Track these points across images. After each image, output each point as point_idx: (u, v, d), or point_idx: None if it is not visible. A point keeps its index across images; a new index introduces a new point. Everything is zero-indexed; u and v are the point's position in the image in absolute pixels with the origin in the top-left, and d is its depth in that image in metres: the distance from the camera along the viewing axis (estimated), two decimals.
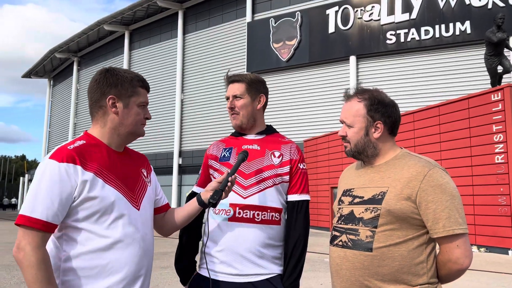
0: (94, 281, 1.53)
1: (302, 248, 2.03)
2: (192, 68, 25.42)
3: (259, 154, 2.08)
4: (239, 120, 2.11)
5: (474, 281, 7.06)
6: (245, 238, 1.95)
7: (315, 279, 7.11)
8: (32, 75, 40.24)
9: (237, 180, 2.01)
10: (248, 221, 1.96)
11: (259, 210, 1.98)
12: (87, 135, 1.69)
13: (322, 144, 18.01)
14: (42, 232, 1.47)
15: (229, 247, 1.95)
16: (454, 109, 12.04)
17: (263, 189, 2.01)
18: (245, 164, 2.04)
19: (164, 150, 25.61)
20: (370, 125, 1.75)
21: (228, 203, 1.98)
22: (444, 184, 1.61)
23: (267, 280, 1.95)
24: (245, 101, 2.11)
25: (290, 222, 2.04)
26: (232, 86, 2.14)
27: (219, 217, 2.00)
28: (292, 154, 2.10)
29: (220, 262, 1.96)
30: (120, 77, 1.67)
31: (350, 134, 1.78)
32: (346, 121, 1.79)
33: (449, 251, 1.60)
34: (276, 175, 2.03)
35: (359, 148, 1.77)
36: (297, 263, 2.00)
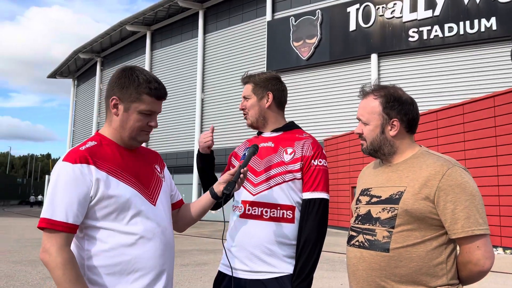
0: (119, 278, 1.56)
1: (311, 248, 1.93)
2: (212, 68, 25.56)
3: (272, 151, 2.08)
4: (249, 120, 2.18)
5: (500, 283, 6.88)
6: (253, 235, 1.97)
7: (335, 279, 7.06)
8: (57, 76, 41.18)
9: (249, 177, 2.03)
10: (256, 217, 1.98)
11: (268, 207, 1.98)
12: (98, 135, 1.72)
13: (343, 143, 17.85)
14: (64, 233, 1.50)
15: (240, 243, 2.00)
16: (479, 107, 11.77)
17: (272, 186, 2.00)
18: (257, 161, 2.06)
19: (185, 149, 25.83)
20: (386, 123, 1.72)
21: (240, 200, 2.04)
22: (464, 183, 1.57)
23: (275, 279, 1.93)
24: (252, 101, 2.16)
25: (301, 221, 1.99)
26: (244, 88, 2.23)
27: (234, 214, 2.08)
28: (304, 150, 2.03)
29: (234, 257, 2.01)
30: (131, 80, 1.64)
31: (366, 131, 1.76)
32: (362, 119, 1.78)
33: (469, 252, 1.56)
34: (285, 172, 2.00)
35: (375, 146, 1.75)
36: (305, 264, 1.92)
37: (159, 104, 1.69)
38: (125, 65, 1.76)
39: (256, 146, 2.01)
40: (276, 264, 1.95)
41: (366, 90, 1.80)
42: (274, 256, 1.96)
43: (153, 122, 1.69)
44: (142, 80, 1.64)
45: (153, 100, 1.65)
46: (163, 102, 1.73)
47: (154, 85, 1.65)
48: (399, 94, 1.74)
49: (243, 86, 2.24)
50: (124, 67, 1.71)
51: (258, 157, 2.06)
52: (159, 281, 1.62)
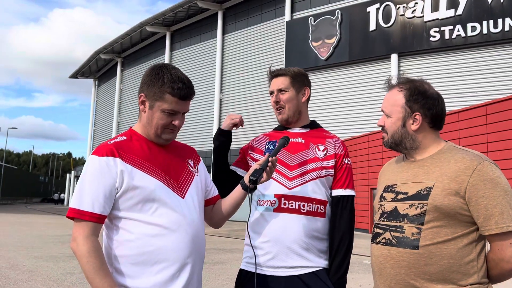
0: (143, 268, 1.58)
1: (348, 243, 2.01)
2: (231, 68, 25.64)
3: (304, 147, 2.08)
4: (285, 114, 2.11)
5: None
6: (291, 229, 1.94)
7: (353, 280, 6.99)
8: (78, 76, 41.94)
9: (282, 171, 2.01)
10: (294, 211, 1.96)
11: (305, 201, 1.97)
12: (130, 131, 1.78)
13: (362, 144, 17.68)
14: (91, 223, 1.56)
15: (275, 237, 1.95)
16: (502, 108, 11.50)
17: (308, 180, 2.01)
18: (289, 156, 2.04)
19: (203, 149, 25.97)
20: (408, 116, 1.68)
21: (273, 194, 1.99)
22: (496, 179, 1.53)
23: (313, 273, 1.94)
24: (290, 95, 2.10)
25: (335, 217, 2.02)
26: (276, 80, 2.13)
27: (263, 208, 2.01)
28: (336, 148, 2.10)
29: (265, 253, 1.95)
30: (157, 78, 1.67)
31: (388, 124, 1.73)
32: (385, 111, 1.75)
33: (502, 249, 1.52)
34: (321, 168, 2.03)
35: (396, 139, 1.71)
36: (343, 259, 1.98)
37: (183, 104, 1.70)
38: (158, 63, 1.78)
39: (287, 137, 1.99)
40: (312, 258, 1.96)
41: (392, 82, 1.77)
42: (310, 250, 1.96)
43: (177, 121, 1.70)
44: (166, 79, 1.66)
45: (176, 100, 1.66)
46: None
47: (177, 85, 1.65)
48: (424, 88, 1.70)
49: (269, 80, 2.18)
50: (155, 64, 1.75)
51: (289, 152, 2.05)
52: (183, 273, 1.63)
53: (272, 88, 2.14)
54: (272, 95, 2.14)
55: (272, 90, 2.15)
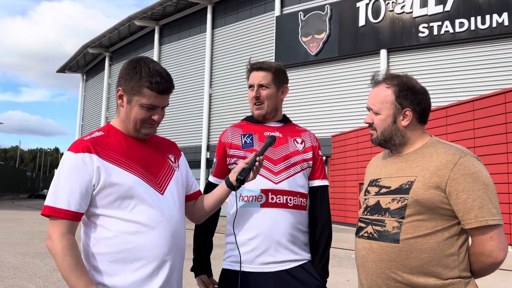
0: (122, 266, 1.56)
1: (329, 232, 2.05)
2: (220, 63, 25.53)
3: (283, 141, 2.08)
4: (263, 110, 2.07)
5: (508, 282, 6.80)
6: (279, 223, 1.93)
7: (341, 275, 7.03)
8: (66, 70, 41.43)
9: (267, 166, 2.00)
10: (282, 206, 1.95)
11: (292, 195, 1.98)
12: (108, 126, 1.74)
13: (351, 139, 17.76)
14: (67, 221, 1.53)
15: (264, 233, 1.93)
16: (489, 104, 11.62)
17: (293, 174, 2.01)
18: (271, 149, 2.03)
19: (192, 144, 25.87)
20: (398, 113, 1.67)
21: (259, 189, 1.96)
22: (477, 173, 1.53)
23: (300, 266, 1.95)
24: (271, 92, 2.07)
25: (315, 208, 2.05)
26: (257, 74, 2.09)
27: (248, 204, 1.98)
28: (312, 140, 2.15)
29: (253, 249, 1.93)
30: (135, 71, 1.62)
31: (377, 121, 1.71)
32: (373, 108, 1.72)
33: (482, 243, 1.52)
34: (302, 160, 2.06)
35: (385, 136, 1.70)
36: (326, 248, 2.02)
37: (162, 98, 1.65)
38: (136, 56, 1.74)
39: (274, 137, 1.98)
40: (298, 251, 1.97)
41: (377, 79, 1.75)
42: (296, 243, 1.97)
43: (156, 116, 1.66)
44: (144, 73, 1.61)
45: (154, 95, 1.62)
46: (172, 95, 1.69)
47: (155, 79, 1.60)
48: (412, 83, 1.69)
49: (248, 72, 2.15)
50: (133, 58, 1.70)
51: (271, 146, 2.03)
52: (162, 271, 1.60)
53: (253, 82, 2.09)
54: (252, 89, 2.10)
55: (252, 84, 2.10)
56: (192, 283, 6.63)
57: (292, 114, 21.21)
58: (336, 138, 19.01)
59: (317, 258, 2.00)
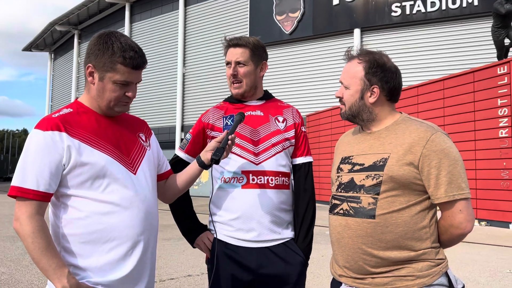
0: (94, 246, 1.53)
1: (313, 209, 2.06)
2: (194, 41, 25.09)
3: (264, 120, 2.05)
4: (242, 89, 2.02)
5: (474, 254, 7.11)
6: (261, 204, 1.93)
7: (316, 251, 7.18)
8: (32, 49, 39.86)
9: (247, 147, 1.98)
10: (262, 186, 1.95)
11: (272, 175, 1.97)
12: (76, 103, 1.67)
13: (325, 119, 17.91)
14: (35, 202, 1.47)
15: (245, 214, 1.93)
16: (459, 82, 11.89)
17: (274, 154, 2.00)
18: (252, 130, 2.01)
19: (166, 125, 25.56)
20: (366, 89, 1.69)
21: (240, 170, 1.96)
22: (447, 149, 1.58)
23: (283, 244, 1.97)
24: (249, 69, 2.01)
25: (299, 185, 2.05)
26: (234, 51, 2.02)
27: (230, 186, 1.97)
28: (294, 117, 2.11)
29: (236, 229, 1.93)
30: (106, 47, 1.56)
31: (346, 96, 1.73)
32: (343, 82, 1.74)
33: (452, 216, 1.58)
34: (284, 140, 2.03)
35: (353, 112, 1.72)
36: (310, 225, 2.04)
37: (136, 74, 1.60)
38: (104, 30, 1.66)
39: (242, 113, 1.95)
40: (281, 231, 1.98)
41: (351, 54, 1.76)
42: (279, 223, 1.98)
43: (131, 93, 1.61)
44: (116, 48, 1.55)
45: (128, 70, 1.57)
46: (144, 74, 1.64)
47: (129, 53, 1.55)
48: (383, 61, 1.70)
49: (226, 49, 2.07)
50: (102, 32, 1.62)
51: (251, 127, 2.01)
52: (135, 251, 1.59)
53: (230, 59, 2.03)
54: (229, 66, 2.03)
55: (229, 61, 2.03)
56: (169, 264, 6.61)
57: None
58: (311, 117, 19.14)
59: (301, 236, 2.01)
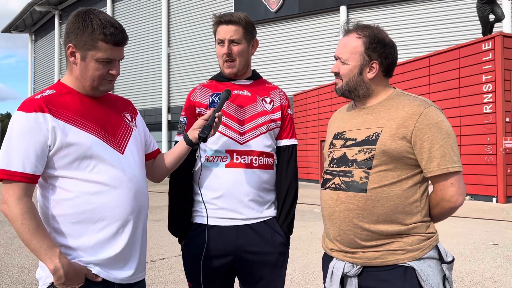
0: (85, 226, 1.52)
1: (295, 191, 2.06)
2: (178, 20, 24.67)
3: (251, 100, 2.03)
4: (235, 68, 1.98)
5: (459, 227, 7.29)
6: (244, 183, 1.93)
7: (305, 228, 7.28)
8: (12, 30, 38.77)
9: (232, 126, 1.96)
10: (246, 166, 1.94)
11: (256, 155, 1.96)
12: (59, 84, 1.64)
13: (312, 98, 17.92)
14: (23, 184, 1.46)
15: (228, 193, 1.92)
16: (444, 59, 11.95)
17: (259, 134, 1.99)
18: (238, 110, 1.99)
19: (153, 106, 25.32)
20: (366, 64, 1.67)
21: (224, 149, 1.94)
22: (440, 122, 1.58)
23: (263, 222, 1.98)
24: (243, 47, 1.97)
25: (282, 167, 2.05)
26: (227, 28, 1.95)
27: (213, 164, 1.95)
28: (281, 99, 2.10)
29: (218, 208, 1.93)
30: (85, 25, 1.52)
31: (343, 71, 1.69)
32: (341, 57, 1.69)
33: (443, 189, 1.59)
34: (270, 121, 2.02)
35: (350, 87, 1.70)
36: (291, 206, 2.04)
37: (118, 50, 1.57)
38: (81, 8, 1.61)
39: (228, 91, 1.92)
40: (262, 210, 1.99)
41: (349, 27, 1.71)
42: (261, 202, 1.99)
43: (114, 70, 1.59)
44: (96, 25, 1.51)
45: (110, 47, 1.54)
46: (127, 53, 1.60)
47: (109, 30, 1.52)
48: (382, 36, 1.68)
49: (216, 25, 1.98)
50: (79, 10, 1.58)
51: (238, 106, 1.99)
52: (126, 229, 1.59)
53: (223, 37, 1.95)
54: (222, 45, 1.97)
55: (222, 39, 1.96)
56: (160, 244, 6.62)
57: None
58: (298, 96, 19.12)
59: (282, 216, 2.02)
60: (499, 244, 6.04)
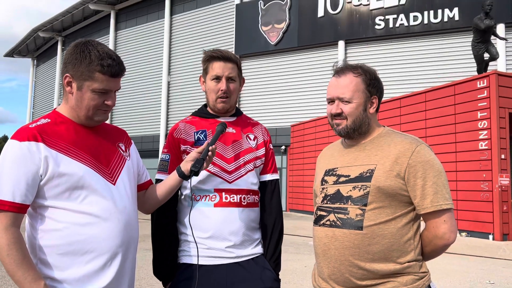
0: (72, 258, 1.50)
1: (280, 227, 2.04)
2: (179, 50, 25.06)
3: (237, 137, 2.02)
4: (228, 104, 1.98)
5: (455, 265, 7.19)
6: (233, 222, 1.90)
7: (299, 261, 7.16)
8: (14, 54, 39.25)
9: (220, 164, 1.94)
10: (235, 205, 1.91)
11: (245, 193, 1.94)
12: (54, 113, 1.65)
13: (309, 129, 18.02)
14: (11, 213, 1.44)
15: (218, 232, 1.88)
16: (440, 95, 12.12)
17: (246, 172, 1.98)
18: (225, 147, 1.98)
19: (150, 133, 25.36)
20: (368, 100, 1.71)
21: (213, 188, 1.91)
22: (432, 160, 1.61)
23: (252, 259, 1.94)
24: (237, 85, 2.00)
25: (266, 202, 2.04)
26: (226, 65, 1.95)
27: (201, 204, 1.91)
28: (264, 135, 2.12)
29: (208, 247, 1.89)
30: (83, 56, 1.54)
31: (349, 110, 1.69)
32: (344, 97, 1.70)
33: (436, 226, 1.60)
34: (255, 158, 2.02)
35: (356, 125, 1.70)
36: (278, 242, 2.02)
37: (114, 82, 1.59)
38: (80, 39, 1.64)
39: (224, 124, 1.92)
40: (251, 248, 1.96)
41: (342, 68, 1.75)
42: (250, 241, 1.96)
43: (110, 101, 1.60)
44: (94, 56, 1.54)
45: (107, 78, 1.56)
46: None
47: (107, 61, 1.55)
48: (373, 71, 1.75)
49: (213, 61, 1.97)
50: (78, 41, 1.61)
51: (224, 144, 1.97)
52: (114, 262, 1.56)
53: (220, 73, 1.94)
54: (217, 81, 1.95)
55: (219, 75, 1.94)
56: (150, 274, 6.51)
57: (252, 103, 21.23)
58: (295, 127, 19.23)
59: (269, 252, 1.99)
60: (496, 283, 5.95)
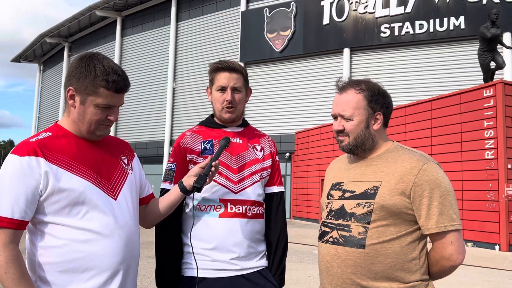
0: (72, 276, 1.47)
1: (286, 239, 2.03)
2: (184, 57, 25.16)
3: (243, 148, 2.00)
4: (234, 114, 1.97)
5: (461, 276, 7.10)
6: (238, 233, 1.87)
7: (303, 271, 7.10)
8: (21, 60, 39.57)
9: (226, 174, 1.92)
10: (241, 216, 1.89)
11: (250, 204, 1.92)
12: (56, 126, 1.62)
13: (314, 136, 17.98)
14: (10, 230, 1.41)
15: (222, 243, 1.85)
16: (446, 104, 12.06)
17: (253, 183, 1.96)
18: (231, 158, 1.96)
19: (155, 139, 25.41)
20: (371, 117, 1.68)
21: (218, 198, 1.88)
22: (439, 179, 1.56)
23: (257, 272, 1.92)
24: (243, 95, 1.99)
25: (272, 214, 2.02)
26: (231, 76, 1.94)
27: (206, 214, 1.88)
28: (271, 147, 2.11)
29: (212, 260, 1.85)
30: (88, 70, 1.52)
31: (350, 127, 1.67)
32: (344, 114, 1.68)
33: (442, 247, 1.56)
34: (262, 169, 2.01)
35: (358, 142, 1.68)
36: (283, 255, 2.00)
37: (118, 97, 1.57)
38: (85, 52, 1.62)
39: (228, 138, 1.89)
40: (256, 261, 1.93)
41: (344, 85, 1.73)
42: (255, 252, 1.93)
43: (113, 116, 1.57)
44: (99, 71, 1.51)
45: (111, 94, 1.53)
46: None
47: (112, 77, 1.52)
48: (378, 87, 1.71)
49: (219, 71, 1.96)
50: (83, 54, 1.58)
51: (231, 154, 1.95)
52: (115, 279, 1.53)
53: (225, 84, 1.94)
54: (223, 92, 1.95)
55: (224, 86, 1.94)
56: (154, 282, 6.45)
57: (256, 110, 21.23)
58: (300, 134, 19.20)
59: (275, 265, 1.97)
60: None
